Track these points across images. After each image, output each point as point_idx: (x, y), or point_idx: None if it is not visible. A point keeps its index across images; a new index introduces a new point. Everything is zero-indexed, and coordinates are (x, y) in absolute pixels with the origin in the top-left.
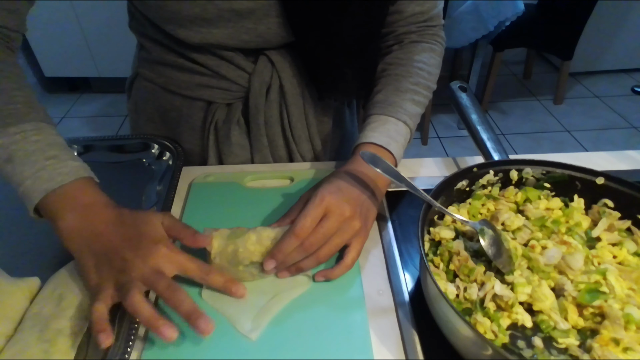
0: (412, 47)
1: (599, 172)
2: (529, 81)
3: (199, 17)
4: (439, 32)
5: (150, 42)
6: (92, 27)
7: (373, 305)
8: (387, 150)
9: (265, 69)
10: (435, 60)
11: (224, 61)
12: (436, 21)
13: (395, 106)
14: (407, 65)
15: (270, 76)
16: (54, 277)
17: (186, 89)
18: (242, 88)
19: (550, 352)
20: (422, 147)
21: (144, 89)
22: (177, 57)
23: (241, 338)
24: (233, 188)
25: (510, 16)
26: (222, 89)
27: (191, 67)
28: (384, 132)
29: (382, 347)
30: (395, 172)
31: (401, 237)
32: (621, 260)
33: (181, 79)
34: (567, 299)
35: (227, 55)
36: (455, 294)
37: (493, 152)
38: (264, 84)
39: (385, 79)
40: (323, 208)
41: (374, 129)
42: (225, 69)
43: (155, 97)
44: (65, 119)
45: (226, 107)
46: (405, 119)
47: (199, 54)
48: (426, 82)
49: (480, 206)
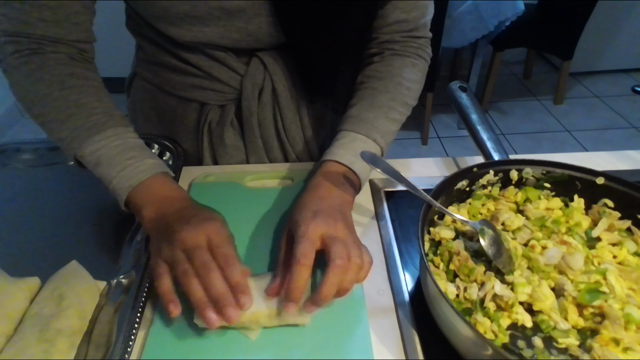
0: (393, 61)
1: (599, 172)
2: (529, 81)
3: (189, 15)
4: (425, 45)
5: (146, 42)
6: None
7: (373, 305)
8: (350, 170)
9: (257, 71)
10: (417, 76)
11: (216, 62)
12: (422, 32)
13: (367, 123)
14: (386, 79)
15: (263, 78)
16: (54, 277)
17: (180, 90)
18: (234, 90)
19: (550, 352)
20: (422, 147)
21: (141, 89)
22: (171, 58)
23: (241, 338)
24: (233, 188)
25: (510, 16)
26: (215, 90)
27: (184, 68)
28: (351, 150)
29: (382, 347)
30: (395, 172)
31: (401, 237)
32: (621, 260)
33: (175, 79)
34: (567, 299)
35: (219, 56)
36: (455, 294)
37: (493, 152)
38: (256, 86)
39: (362, 92)
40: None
41: (341, 146)
42: (218, 70)
43: (152, 97)
44: None
45: (219, 109)
46: (375, 137)
47: (192, 54)
48: (404, 99)
49: (480, 206)
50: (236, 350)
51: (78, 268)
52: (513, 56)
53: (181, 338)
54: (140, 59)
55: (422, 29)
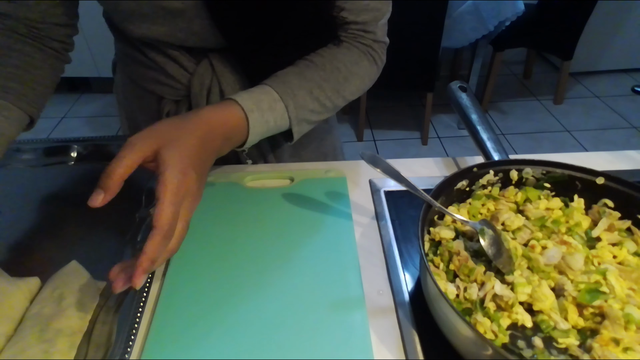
0: (343, 48)
1: (599, 172)
2: (529, 81)
3: (137, 12)
4: (378, 49)
5: (114, 33)
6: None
7: (373, 305)
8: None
9: (206, 71)
10: (361, 72)
11: (169, 59)
12: (376, 36)
13: (287, 87)
14: (326, 59)
15: (211, 79)
16: (54, 277)
17: (142, 81)
18: (185, 87)
19: (550, 352)
20: (422, 147)
21: (119, 74)
22: (133, 50)
23: (241, 338)
24: (233, 188)
25: (510, 16)
26: (169, 85)
27: (143, 61)
28: (256, 100)
29: (382, 347)
30: (395, 172)
31: (401, 237)
32: (621, 260)
33: (138, 71)
34: (567, 299)
35: (171, 53)
36: (455, 294)
37: (493, 152)
38: (204, 86)
39: (299, 61)
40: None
41: (250, 92)
42: (171, 67)
43: (124, 85)
44: (65, 119)
45: (175, 104)
46: (288, 102)
47: (149, 48)
48: (337, 86)
49: (480, 206)
50: (236, 350)
51: (78, 268)
52: (513, 56)
53: (181, 338)
54: (116, 49)
55: (377, 33)
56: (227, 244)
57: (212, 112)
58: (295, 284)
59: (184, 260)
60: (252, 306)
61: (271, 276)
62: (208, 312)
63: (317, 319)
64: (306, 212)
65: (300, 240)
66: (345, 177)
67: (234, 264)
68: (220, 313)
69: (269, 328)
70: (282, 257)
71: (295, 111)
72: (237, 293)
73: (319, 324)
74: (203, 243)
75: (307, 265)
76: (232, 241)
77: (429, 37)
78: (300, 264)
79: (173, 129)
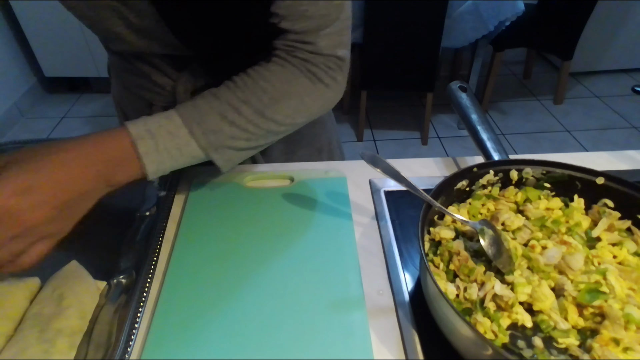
0: (271, 64)
1: (599, 172)
2: (529, 81)
3: (112, 33)
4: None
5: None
6: None
7: (373, 305)
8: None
9: (189, 78)
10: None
11: (154, 67)
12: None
13: (197, 110)
14: (250, 78)
15: (194, 86)
16: (54, 277)
17: (132, 88)
18: (170, 94)
19: (550, 352)
20: (422, 147)
21: (113, 80)
22: (121, 59)
23: (241, 338)
24: (233, 188)
25: (510, 16)
26: (156, 92)
27: (131, 69)
28: (154, 126)
29: (382, 347)
30: (395, 172)
31: (401, 237)
32: (621, 260)
33: (127, 78)
34: (567, 299)
35: (155, 62)
36: (455, 294)
37: (493, 152)
38: (187, 92)
39: (225, 81)
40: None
41: (152, 117)
42: (156, 74)
43: (117, 90)
44: (65, 119)
45: (164, 110)
46: (193, 128)
47: (134, 58)
48: (261, 108)
49: (480, 206)
50: (236, 350)
51: (78, 268)
52: (513, 56)
53: (181, 338)
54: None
55: (318, 44)
56: (227, 244)
57: (93, 137)
58: (295, 284)
59: (184, 261)
60: (252, 306)
61: (271, 276)
62: (208, 312)
63: (317, 318)
64: (306, 212)
65: (300, 240)
66: (345, 177)
67: (234, 264)
68: (220, 313)
69: (269, 328)
70: (282, 257)
71: (205, 137)
72: (237, 293)
73: (318, 323)
74: (203, 243)
75: (307, 265)
76: (232, 241)
77: (429, 37)
78: (300, 264)
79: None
